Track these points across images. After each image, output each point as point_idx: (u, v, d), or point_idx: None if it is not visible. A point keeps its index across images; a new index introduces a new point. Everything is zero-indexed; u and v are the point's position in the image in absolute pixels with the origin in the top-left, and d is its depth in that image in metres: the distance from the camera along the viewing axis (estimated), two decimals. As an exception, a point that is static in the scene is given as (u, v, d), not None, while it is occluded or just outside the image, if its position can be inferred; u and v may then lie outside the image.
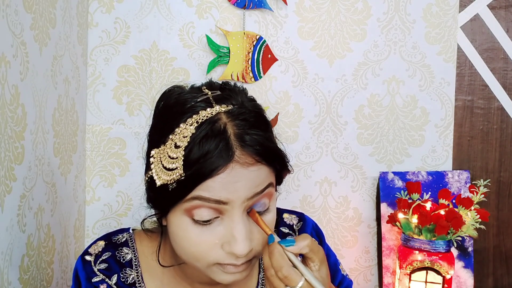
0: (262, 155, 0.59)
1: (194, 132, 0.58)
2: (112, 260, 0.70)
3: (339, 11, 1.21)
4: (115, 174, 1.17)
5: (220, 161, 0.57)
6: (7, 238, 0.73)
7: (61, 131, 0.98)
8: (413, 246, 1.05)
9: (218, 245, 0.60)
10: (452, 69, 1.24)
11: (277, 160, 0.62)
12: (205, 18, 1.17)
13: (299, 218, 0.79)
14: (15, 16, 0.73)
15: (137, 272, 0.70)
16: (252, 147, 0.59)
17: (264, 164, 0.60)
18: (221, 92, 0.63)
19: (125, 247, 0.71)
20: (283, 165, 0.64)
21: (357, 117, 1.23)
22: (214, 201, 0.58)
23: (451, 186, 1.22)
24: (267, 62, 1.18)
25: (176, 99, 0.64)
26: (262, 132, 0.60)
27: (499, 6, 1.24)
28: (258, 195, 0.60)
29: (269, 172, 0.61)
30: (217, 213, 0.59)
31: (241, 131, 0.59)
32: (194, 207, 0.59)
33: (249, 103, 0.64)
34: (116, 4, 1.14)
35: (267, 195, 0.61)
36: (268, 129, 0.63)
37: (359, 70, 1.22)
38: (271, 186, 0.62)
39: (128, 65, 1.16)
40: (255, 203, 0.60)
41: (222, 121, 0.59)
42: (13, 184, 0.74)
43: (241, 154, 0.58)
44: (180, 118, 0.60)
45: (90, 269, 0.69)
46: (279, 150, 0.63)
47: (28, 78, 0.79)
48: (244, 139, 0.59)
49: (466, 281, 1.20)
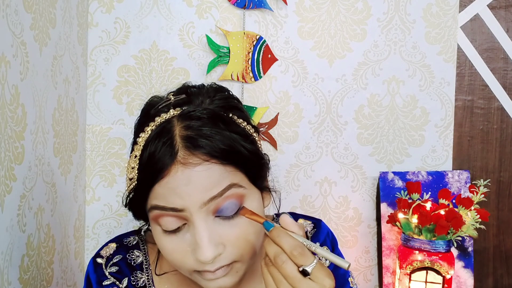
0: (211, 154, 0.56)
1: (147, 138, 0.58)
2: (123, 263, 0.70)
3: (339, 11, 1.21)
4: (115, 174, 1.17)
5: (163, 162, 0.56)
6: (7, 238, 0.73)
7: (61, 131, 0.98)
8: (413, 246, 1.05)
9: (190, 252, 0.58)
10: (452, 69, 1.24)
11: (236, 158, 0.57)
12: (205, 18, 1.17)
13: (314, 225, 0.77)
14: (15, 16, 0.73)
15: (148, 275, 0.70)
16: (197, 146, 0.56)
17: (215, 163, 0.56)
18: (186, 95, 0.62)
19: (136, 250, 0.71)
20: (249, 163, 0.59)
21: (357, 117, 1.23)
22: (170, 209, 0.56)
23: (451, 186, 1.22)
24: (267, 62, 1.18)
25: (144, 109, 0.64)
26: (214, 130, 0.57)
27: (499, 6, 1.24)
28: (217, 198, 0.56)
29: (227, 172, 0.57)
30: (182, 220, 0.57)
31: (188, 131, 0.57)
32: (157, 216, 0.58)
33: (212, 103, 0.61)
34: (116, 4, 1.14)
35: (233, 197, 0.57)
36: (227, 128, 0.58)
37: (359, 70, 1.22)
38: (236, 187, 0.57)
39: (128, 65, 1.16)
40: (220, 207, 0.57)
41: (171, 123, 0.58)
42: (13, 184, 0.74)
43: (184, 154, 0.56)
44: (142, 127, 0.61)
45: (101, 272, 0.69)
46: (237, 147, 0.57)
47: (28, 78, 0.79)
48: (189, 138, 0.56)
49: (466, 281, 1.20)
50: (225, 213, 0.57)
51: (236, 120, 0.62)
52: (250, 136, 0.62)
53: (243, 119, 0.63)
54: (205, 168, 0.56)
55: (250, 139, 0.61)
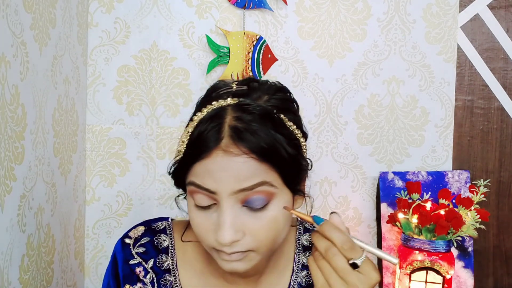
0: (251, 148, 0.59)
1: (201, 118, 0.62)
2: (150, 245, 0.72)
3: (339, 11, 1.21)
4: (115, 174, 1.17)
5: (207, 144, 0.60)
6: (7, 238, 0.73)
7: (61, 131, 0.98)
8: (413, 246, 1.05)
9: (213, 231, 0.62)
10: (452, 69, 1.24)
11: (273, 158, 0.60)
12: (205, 18, 1.17)
13: None
14: (15, 16, 0.73)
15: (173, 260, 0.72)
16: (241, 138, 0.59)
17: (252, 157, 0.59)
18: (247, 88, 0.66)
19: (163, 234, 0.74)
20: (286, 165, 0.62)
21: (357, 117, 1.23)
22: (204, 189, 0.60)
23: (451, 186, 1.22)
24: (267, 62, 1.18)
25: (208, 90, 0.68)
26: (260, 127, 0.60)
27: (499, 6, 1.24)
28: (247, 191, 0.59)
29: (263, 169, 0.60)
30: (213, 200, 0.61)
31: (237, 123, 0.60)
32: (193, 191, 0.62)
33: (268, 101, 0.64)
34: (116, 4, 1.14)
35: (262, 193, 0.60)
36: (277, 129, 0.61)
37: (359, 70, 1.22)
38: (267, 185, 0.60)
39: (128, 65, 1.16)
40: (248, 199, 0.60)
41: (225, 111, 0.62)
42: (13, 184, 0.74)
43: (228, 142, 0.59)
44: (201, 106, 0.65)
45: (129, 251, 0.72)
46: (278, 148, 0.60)
47: (28, 78, 0.79)
48: (236, 129, 0.59)
49: (466, 281, 1.20)
50: (252, 205, 0.61)
51: (286, 122, 0.64)
52: (295, 140, 0.65)
53: (294, 122, 0.66)
54: (243, 160, 0.59)
55: (293, 142, 0.64)
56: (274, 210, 0.62)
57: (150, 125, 1.18)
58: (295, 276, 0.74)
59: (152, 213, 1.18)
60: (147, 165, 1.18)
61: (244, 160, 0.59)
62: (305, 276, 0.74)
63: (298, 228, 0.78)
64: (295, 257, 0.75)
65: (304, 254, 0.75)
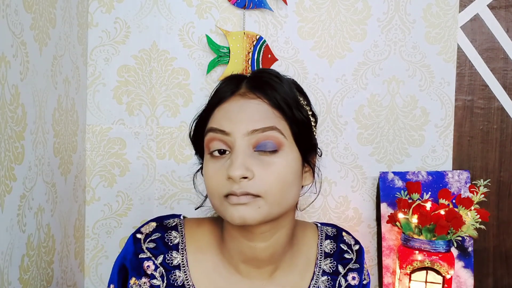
0: (266, 95, 0.66)
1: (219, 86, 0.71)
2: (160, 241, 0.74)
3: (339, 11, 1.21)
4: (115, 174, 1.17)
5: (227, 92, 0.68)
6: (7, 238, 0.73)
7: (61, 131, 0.98)
8: (413, 246, 1.05)
9: (225, 177, 0.65)
10: (452, 69, 1.24)
11: (286, 108, 0.66)
12: (205, 18, 1.17)
13: (355, 241, 0.82)
14: (15, 16, 0.73)
15: (183, 256, 0.73)
16: (259, 87, 0.67)
17: (266, 102, 0.66)
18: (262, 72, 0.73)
19: (174, 231, 0.75)
20: (295, 119, 0.67)
21: (357, 117, 1.23)
22: (220, 132, 0.66)
23: (451, 186, 1.22)
24: (267, 62, 1.18)
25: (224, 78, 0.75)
26: (278, 84, 0.67)
27: (499, 6, 1.24)
28: (259, 133, 0.65)
29: (275, 116, 0.66)
30: (226, 146, 0.66)
31: (256, 75, 0.70)
32: (210, 140, 0.67)
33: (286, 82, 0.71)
34: (116, 4, 1.14)
35: (272, 138, 0.65)
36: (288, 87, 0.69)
37: (359, 70, 1.22)
38: (277, 132, 0.65)
39: (128, 65, 1.16)
40: (260, 142, 0.65)
41: (243, 77, 0.71)
42: (13, 184, 0.74)
43: (246, 89, 0.68)
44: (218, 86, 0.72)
45: (139, 245, 0.73)
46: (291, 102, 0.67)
47: (28, 78, 0.79)
48: (255, 79, 0.69)
49: (466, 281, 1.20)
50: (263, 148, 0.65)
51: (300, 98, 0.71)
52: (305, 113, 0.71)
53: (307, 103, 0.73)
54: (258, 103, 0.66)
55: (303, 113, 0.70)
56: (282, 159, 0.66)
57: (150, 125, 1.18)
58: (315, 281, 0.75)
59: (152, 213, 1.18)
60: (147, 165, 1.18)
61: (258, 102, 0.66)
62: (325, 281, 0.76)
63: (320, 234, 0.79)
64: (317, 262, 0.76)
65: (325, 261, 0.77)
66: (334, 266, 0.77)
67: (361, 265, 0.79)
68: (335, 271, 0.77)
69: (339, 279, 0.76)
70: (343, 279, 0.77)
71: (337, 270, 0.77)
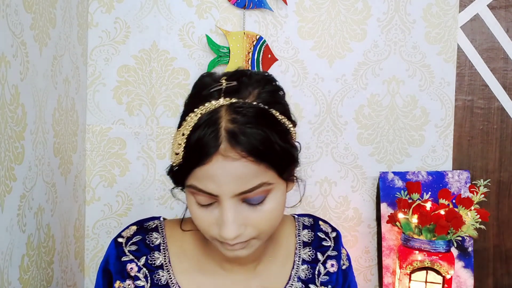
0: (249, 151, 0.60)
1: (196, 122, 0.63)
2: (141, 243, 0.74)
3: (339, 11, 1.21)
4: (115, 174, 1.17)
5: (207, 150, 0.61)
6: (7, 238, 0.73)
7: (61, 131, 0.98)
8: (413, 246, 1.05)
9: (215, 224, 0.65)
10: (452, 69, 1.24)
11: (270, 157, 0.62)
12: (205, 18, 1.17)
13: (332, 228, 0.83)
14: (15, 16, 0.73)
15: (165, 256, 0.74)
16: (238, 142, 0.60)
17: (251, 160, 0.61)
18: (237, 83, 0.66)
19: (155, 232, 0.76)
20: (281, 161, 0.64)
21: (357, 117, 1.23)
22: (206, 193, 0.63)
23: (451, 186, 1.22)
24: (267, 62, 1.18)
25: (196, 86, 0.70)
26: (256, 129, 0.61)
27: (499, 6, 1.24)
28: (248, 193, 0.62)
29: (261, 170, 0.62)
30: (213, 199, 0.64)
31: (233, 126, 0.61)
32: (193, 192, 0.64)
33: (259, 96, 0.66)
34: (116, 4, 1.14)
35: (261, 193, 0.63)
36: (270, 127, 0.63)
37: (359, 70, 1.22)
38: (265, 185, 0.63)
39: (128, 65, 1.16)
40: (248, 198, 0.63)
41: (220, 114, 0.62)
42: (13, 184, 0.74)
43: (226, 147, 0.60)
44: (193, 106, 0.65)
45: (121, 249, 0.74)
46: (274, 146, 0.62)
47: (28, 78, 0.79)
48: (233, 133, 0.61)
49: (466, 281, 1.20)
50: (252, 202, 0.64)
51: (278, 116, 0.66)
52: (287, 134, 0.67)
53: (284, 114, 0.68)
54: (241, 165, 0.61)
55: (286, 136, 0.66)
56: (272, 202, 0.65)
57: (150, 125, 1.18)
58: (296, 270, 0.77)
59: (152, 213, 1.18)
60: (147, 165, 1.18)
61: (242, 164, 0.61)
62: (305, 269, 0.77)
63: (297, 225, 0.81)
64: (296, 252, 0.78)
65: (304, 250, 0.79)
66: (313, 254, 0.79)
67: (338, 251, 0.80)
68: (314, 259, 0.78)
69: (318, 266, 0.78)
70: (322, 267, 0.78)
71: (316, 258, 0.79)
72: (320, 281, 0.77)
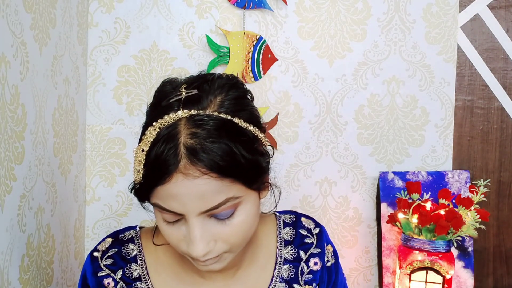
0: (211, 168, 0.57)
1: (155, 138, 0.59)
2: (117, 256, 0.72)
3: (339, 11, 1.21)
4: (115, 174, 1.17)
5: (166, 168, 0.57)
6: (7, 238, 0.73)
7: (61, 131, 0.98)
8: (413, 246, 1.05)
9: (184, 241, 0.62)
10: (452, 69, 1.24)
11: (234, 171, 0.59)
12: (205, 18, 1.17)
13: (315, 224, 0.80)
14: (15, 16, 0.73)
15: (142, 267, 0.72)
16: (198, 159, 0.57)
17: (214, 177, 0.57)
18: (198, 91, 0.62)
19: (130, 243, 0.73)
20: (248, 173, 0.60)
21: (357, 117, 1.23)
22: (171, 212, 0.60)
23: (451, 186, 1.22)
24: (267, 62, 1.18)
25: (157, 96, 0.67)
26: (216, 143, 0.57)
27: (499, 6, 1.24)
28: (214, 209, 0.59)
29: (225, 185, 0.58)
30: (179, 216, 0.61)
31: (193, 141, 0.57)
32: (158, 210, 0.62)
33: (222, 105, 0.62)
34: (116, 4, 1.14)
35: (227, 208, 0.60)
36: (233, 139, 0.59)
37: (359, 70, 1.22)
38: (232, 199, 0.60)
39: (128, 65, 1.16)
40: (215, 214, 0.60)
41: (179, 128, 0.59)
42: (13, 184, 0.74)
43: (186, 164, 0.57)
44: (152, 119, 0.62)
45: (97, 264, 0.72)
46: (238, 159, 0.58)
47: (28, 78, 0.79)
48: (193, 149, 0.57)
49: (466, 281, 1.20)
50: (220, 217, 0.61)
51: (242, 125, 0.62)
52: (254, 142, 0.62)
53: (250, 121, 0.64)
54: (204, 182, 0.57)
55: (253, 146, 0.62)
56: (242, 214, 0.62)
57: (150, 125, 1.18)
58: (278, 271, 0.75)
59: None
60: (147, 165, 1.18)
61: (204, 181, 0.57)
62: (287, 269, 0.75)
63: (278, 223, 0.78)
64: (277, 252, 0.75)
65: (285, 249, 0.76)
66: (296, 253, 0.76)
67: (322, 248, 0.77)
68: (296, 257, 0.76)
69: (301, 265, 0.75)
70: (305, 265, 0.76)
71: (299, 257, 0.76)
72: (304, 280, 0.75)
